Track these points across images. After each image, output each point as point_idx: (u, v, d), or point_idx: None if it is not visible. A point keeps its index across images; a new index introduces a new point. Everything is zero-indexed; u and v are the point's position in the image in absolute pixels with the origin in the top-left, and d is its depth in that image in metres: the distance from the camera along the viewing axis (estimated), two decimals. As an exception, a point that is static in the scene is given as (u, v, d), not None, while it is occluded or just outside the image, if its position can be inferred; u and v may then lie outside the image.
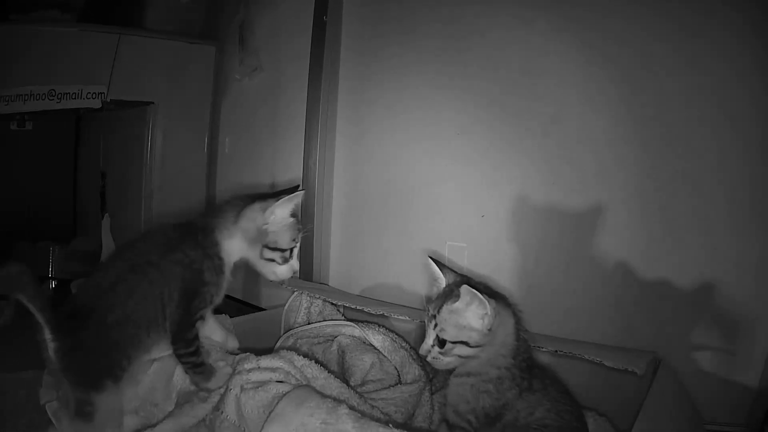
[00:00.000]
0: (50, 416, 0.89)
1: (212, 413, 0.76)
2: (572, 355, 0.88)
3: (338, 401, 0.67)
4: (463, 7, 1.19)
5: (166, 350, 0.79)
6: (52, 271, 1.80)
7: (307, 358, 0.85)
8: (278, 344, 1.10)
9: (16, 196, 2.04)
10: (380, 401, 0.87)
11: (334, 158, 1.44)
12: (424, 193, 1.28)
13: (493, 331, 0.71)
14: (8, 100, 1.37)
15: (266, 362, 0.79)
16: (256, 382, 0.76)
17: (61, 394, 0.92)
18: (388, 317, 1.15)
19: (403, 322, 1.12)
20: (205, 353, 0.81)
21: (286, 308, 1.20)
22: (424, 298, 0.82)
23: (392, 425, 0.62)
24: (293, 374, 0.79)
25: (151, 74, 1.59)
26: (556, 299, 1.09)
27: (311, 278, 1.42)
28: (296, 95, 1.48)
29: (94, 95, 1.48)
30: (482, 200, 1.18)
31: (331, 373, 0.83)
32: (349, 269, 1.44)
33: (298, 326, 1.14)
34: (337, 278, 1.46)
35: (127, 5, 1.67)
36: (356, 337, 1.07)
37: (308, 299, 1.20)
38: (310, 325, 1.13)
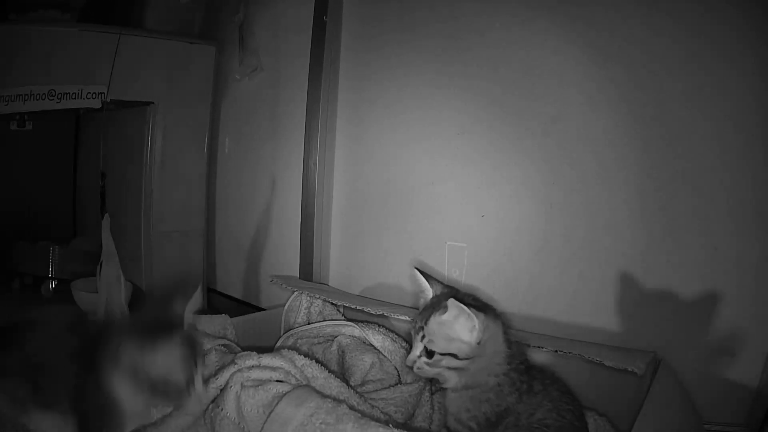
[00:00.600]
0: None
1: (212, 410, 0.76)
2: (572, 355, 0.88)
3: (338, 401, 0.67)
4: (463, 6, 1.19)
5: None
6: (52, 271, 1.80)
7: (307, 357, 0.85)
8: (278, 344, 1.10)
9: (16, 196, 2.04)
10: (380, 401, 0.87)
11: (334, 158, 1.44)
12: (424, 193, 1.28)
13: (482, 344, 0.71)
14: (8, 100, 1.37)
15: (267, 360, 0.79)
16: (256, 380, 0.76)
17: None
18: (388, 317, 1.15)
19: (403, 322, 1.12)
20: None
21: (286, 308, 1.20)
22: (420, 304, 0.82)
23: (392, 425, 0.61)
24: (293, 374, 0.79)
25: (151, 74, 1.59)
26: (556, 299, 1.09)
27: (311, 278, 1.42)
28: (296, 95, 1.48)
29: (94, 95, 1.48)
30: (482, 200, 1.18)
31: (331, 373, 0.83)
32: (349, 269, 1.44)
33: (298, 326, 1.15)
34: (337, 278, 1.46)
35: (127, 5, 1.67)
36: (356, 337, 1.07)
37: (308, 299, 1.20)
38: (310, 325, 1.13)
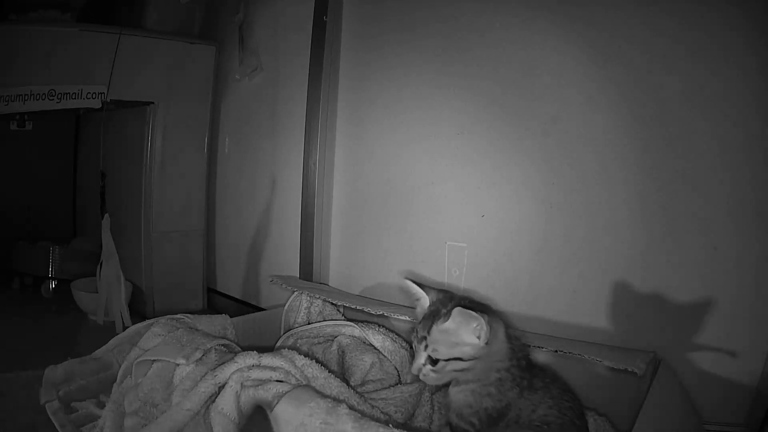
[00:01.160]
0: (50, 416, 0.89)
1: (211, 409, 0.76)
2: (572, 355, 0.88)
3: (338, 401, 0.67)
4: (463, 6, 1.19)
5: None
6: (52, 271, 1.80)
7: (307, 357, 0.85)
8: (278, 344, 1.10)
9: (16, 196, 2.04)
10: (380, 401, 0.87)
11: (334, 158, 1.44)
12: (424, 193, 1.28)
13: (488, 343, 0.72)
14: (8, 100, 1.37)
15: (267, 360, 0.79)
16: (256, 380, 0.76)
17: (61, 394, 0.92)
18: (388, 317, 1.15)
19: (403, 322, 1.12)
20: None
21: (286, 308, 1.20)
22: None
23: (392, 425, 0.61)
24: (293, 374, 0.79)
25: (151, 74, 1.59)
26: (556, 299, 1.09)
27: (311, 278, 1.42)
28: (296, 94, 1.48)
29: (94, 95, 1.48)
30: (482, 200, 1.18)
31: (331, 373, 0.83)
32: (349, 269, 1.44)
33: (298, 326, 1.15)
34: (337, 278, 1.46)
35: (127, 5, 1.67)
36: (356, 337, 1.07)
37: (308, 299, 1.20)
38: (310, 325, 1.13)
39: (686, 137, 0.95)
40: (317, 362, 0.84)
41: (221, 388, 0.76)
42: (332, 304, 1.22)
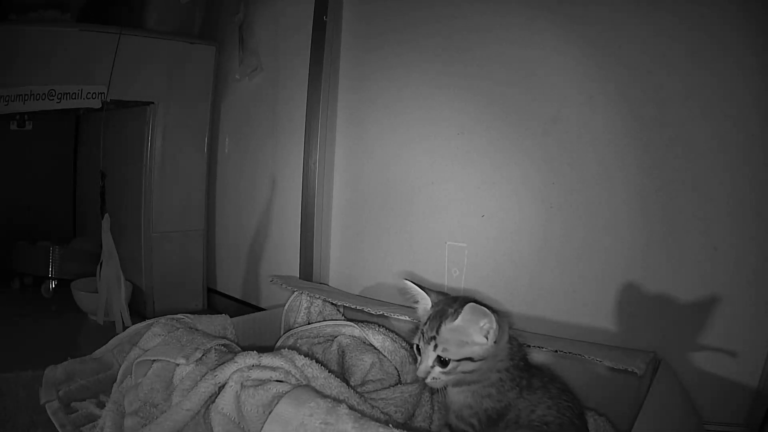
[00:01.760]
0: (50, 416, 0.89)
1: (211, 409, 0.76)
2: (572, 355, 0.88)
3: (338, 401, 0.67)
4: (463, 6, 1.19)
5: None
6: (52, 271, 1.80)
7: (307, 357, 0.85)
8: (278, 344, 1.10)
9: (16, 196, 2.04)
10: (380, 401, 0.87)
11: (334, 158, 1.44)
12: (424, 193, 1.28)
13: (497, 342, 0.72)
14: (8, 100, 1.37)
15: (267, 360, 0.79)
16: (256, 380, 0.76)
17: (61, 394, 0.92)
18: (388, 317, 1.15)
19: (403, 322, 1.12)
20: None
21: (286, 308, 1.20)
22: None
23: (392, 425, 0.61)
24: (293, 374, 0.79)
25: (151, 74, 1.59)
26: (556, 299, 1.09)
27: (311, 278, 1.42)
28: (296, 95, 1.48)
29: (94, 95, 1.48)
30: (482, 200, 1.18)
31: (331, 373, 0.83)
32: (349, 269, 1.44)
33: (298, 326, 1.15)
34: (337, 278, 1.46)
35: (127, 5, 1.67)
36: (356, 337, 1.07)
37: (308, 299, 1.20)
38: (310, 325, 1.13)
39: (686, 137, 0.95)
40: (317, 362, 0.84)
41: (221, 388, 0.76)
42: (332, 304, 1.22)
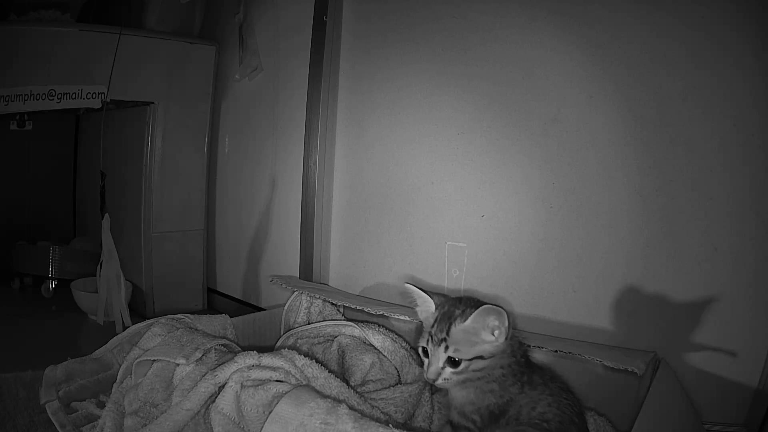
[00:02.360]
0: (50, 416, 0.89)
1: (211, 409, 0.76)
2: (572, 355, 0.88)
3: (338, 401, 0.67)
4: (463, 6, 1.19)
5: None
6: (52, 271, 1.80)
7: (307, 357, 0.85)
8: (278, 344, 1.10)
9: (16, 196, 2.04)
10: (380, 401, 0.87)
11: (334, 158, 1.44)
12: (424, 193, 1.28)
13: (506, 339, 0.72)
14: (8, 100, 1.37)
15: (267, 360, 0.79)
16: (256, 380, 0.76)
17: (61, 394, 0.92)
18: (388, 317, 1.15)
19: (403, 322, 1.12)
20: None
21: (286, 308, 1.20)
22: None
23: (392, 425, 0.61)
24: (293, 374, 0.79)
25: (151, 74, 1.59)
26: (556, 299, 1.09)
27: (311, 278, 1.42)
28: (296, 95, 1.48)
29: (94, 95, 1.48)
30: (482, 200, 1.18)
31: (331, 373, 0.83)
32: (349, 269, 1.44)
33: (298, 326, 1.15)
34: (337, 278, 1.46)
35: (127, 5, 1.67)
36: (356, 337, 1.07)
37: (308, 299, 1.20)
38: (310, 325, 1.13)
39: (686, 137, 0.95)
40: (317, 362, 0.84)
41: (221, 388, 0.76)
42: (332, 304, 1.22)
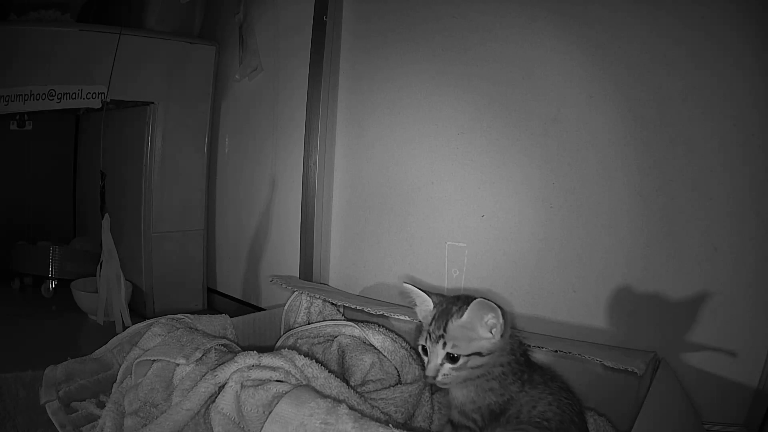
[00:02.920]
0: (50, 416, 0.89)
1: (211, 409, 0.76)
2: (572, 355, 0.88)
3: (338, 401, 0.67)
4: (463, 6, 1.19)
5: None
6: (52, 271, 1.80)
7: (307, 357, 0.85)
8: (278, 344, 1.10)
9: (16, 196, 2.04)
10: (380, 401, 0.87)
11: (334, 158, 1.44)
12: (424, 193, 1.28)
13: (502, 336, 0.72)
14: (8, 100, 1.37)
15: (267, 360, 0.79)
16: (256, 380, 0.76)
17: (61, 394, 0.92)
18: (388, 317, 1.15)
19: (403, 322, 1.12)
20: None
21: (286, 308, 1.20)
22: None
23: (392, 425, 0.61)
24: (293, 374, 0.79)
25: (151, 74, 1.59)
26: (556, 299, 1.09)
27: (311, 278, 1.42)
28: (296, 95, 1.48)
29: (94, 95, 1.48)
30: (482, 200, 1.18)
31: (331, 373, 0.83)
32: (349, 269, 1.44)
33: (298, 326, 1.15)
34: (337, 278, 1.46)
35: (126, 5, 1.67)
36: (356, 337, 1.07)
37: (308, 299, 1.20)
38: (310, 325, 1.13)
39: (686, 137, 0.95)
40: (317, 362, 0.84)
41: (221, 388, 0.76)
42: (332, 304, 1.22)
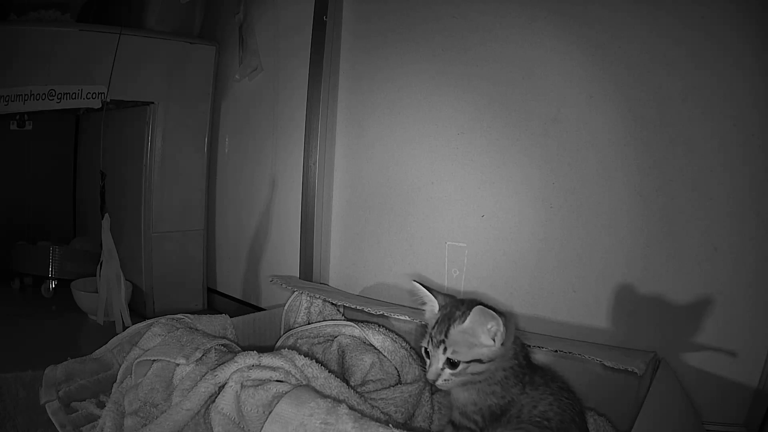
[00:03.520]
0: (50, 416, 0.89)
1: (211, 409, 0.76)
2: (572, 355, 0.88)
3: (338, 401, 0.67)
4: (463, 6, 1.19)
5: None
6: (52, 271, 1.80)
7: (307, 357, 0.85)
8: (278, 344, 1.10)
9: (16, 196, 2.04)
10: (380, 401, 0.87)
11: (334, 158, 1.44)
12: (424, 193, 1.28)
13: (503, 344, 0.72)
14: (8, 100, 1.37)
15: (267, 360, 0.79)
16: (256, 380, 0.76)
17: (61, 394, 0.92)
18: (388, 317, 1.15)
19: (403, 322, 1.12)
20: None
21: (286, 308, 1.20)
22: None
23: (392, 425, 0.61)
24: (293, 374, 0.79)
25: (151, 74, 1.59)
26: (556, 299, 1.09)
27: (311, 278, 1.42)
28: (296, 95, 1.48)
29: (94, 95, 1.48)
30: (482, 200, 1.18)
31: (331, 373, 0.83)
32: (349, 269, 1.44)
33: (298, 326, 1.15)
34: (337, 278, 1.46)
35: (126, 5, 1.67)
36: (356, 337, 1.07)
37: (308, 299, 1.20)
38: (310, 325, 1.13)
39: (686, 137, 0.95)
40: (317, 362, 0.84)
41: (221, 388, 0.76)
42: (332, 304, 1.22)
